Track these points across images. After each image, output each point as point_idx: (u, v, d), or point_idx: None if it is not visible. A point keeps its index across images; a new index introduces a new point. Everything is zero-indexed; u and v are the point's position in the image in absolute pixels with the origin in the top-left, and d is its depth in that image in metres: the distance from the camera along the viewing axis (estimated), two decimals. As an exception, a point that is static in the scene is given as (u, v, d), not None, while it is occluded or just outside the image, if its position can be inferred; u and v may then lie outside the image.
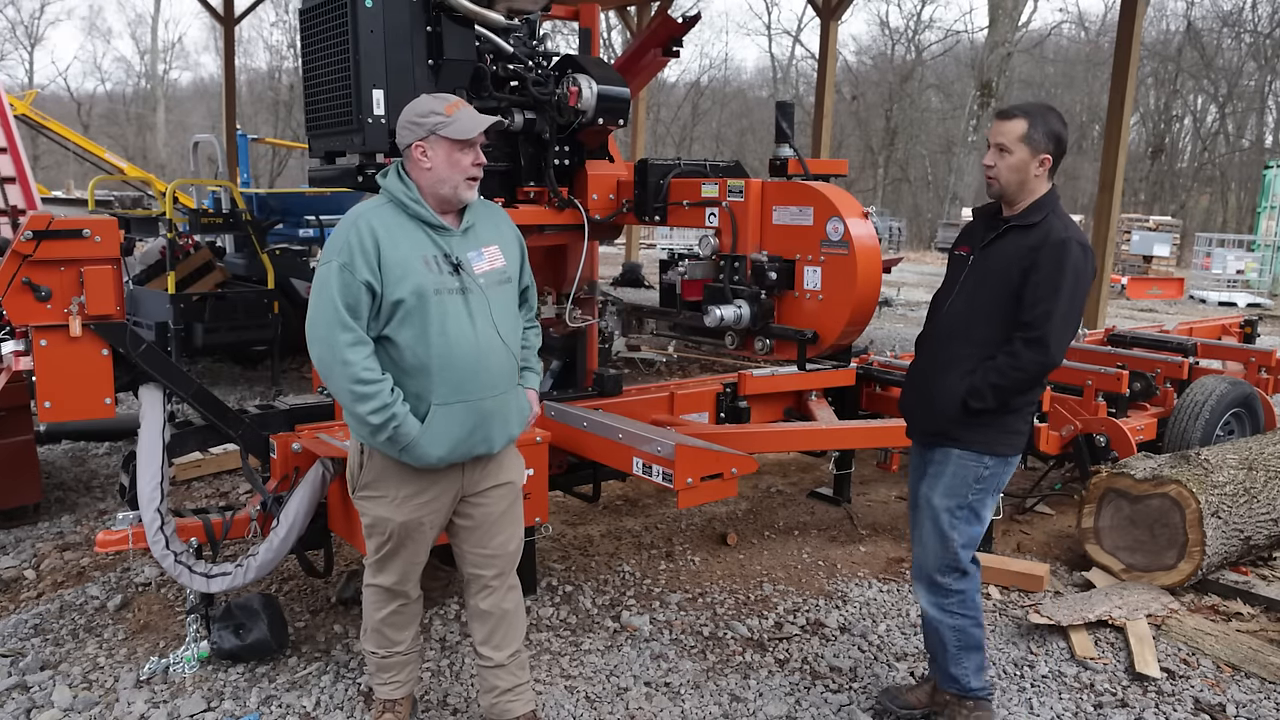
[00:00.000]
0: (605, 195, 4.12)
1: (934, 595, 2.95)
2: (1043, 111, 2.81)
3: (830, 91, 12.79)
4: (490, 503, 2.78)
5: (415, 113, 2.61)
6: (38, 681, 3.23)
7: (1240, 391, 5.34)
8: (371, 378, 2.48)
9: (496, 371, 2.64)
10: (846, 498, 5.32)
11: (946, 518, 2.89)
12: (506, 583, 2.87)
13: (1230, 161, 33.30)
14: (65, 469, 5.72)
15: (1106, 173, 9.54)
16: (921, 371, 3.02)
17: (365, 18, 3.41)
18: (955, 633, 2.94)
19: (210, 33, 43.73)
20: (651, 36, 4.49)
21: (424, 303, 2.51)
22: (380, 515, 2.69)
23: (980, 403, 2.77)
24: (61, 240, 3.07)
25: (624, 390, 4.32)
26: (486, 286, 2.63)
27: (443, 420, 2.55)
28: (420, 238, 2.58)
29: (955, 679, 2.98)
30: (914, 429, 3.07)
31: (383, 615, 2.84)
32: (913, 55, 37.92)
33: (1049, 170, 2.81)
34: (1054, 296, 2.69)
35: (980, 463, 2.85)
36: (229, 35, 16.94)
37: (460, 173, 2.59)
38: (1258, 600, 4.03)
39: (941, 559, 2.91)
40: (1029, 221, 2.79)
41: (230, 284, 8.00)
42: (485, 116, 2.64)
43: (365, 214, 2.57)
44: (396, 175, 2.64)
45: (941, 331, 2.95)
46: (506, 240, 2.78)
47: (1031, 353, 2.71)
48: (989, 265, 2.85)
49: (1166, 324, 8.36)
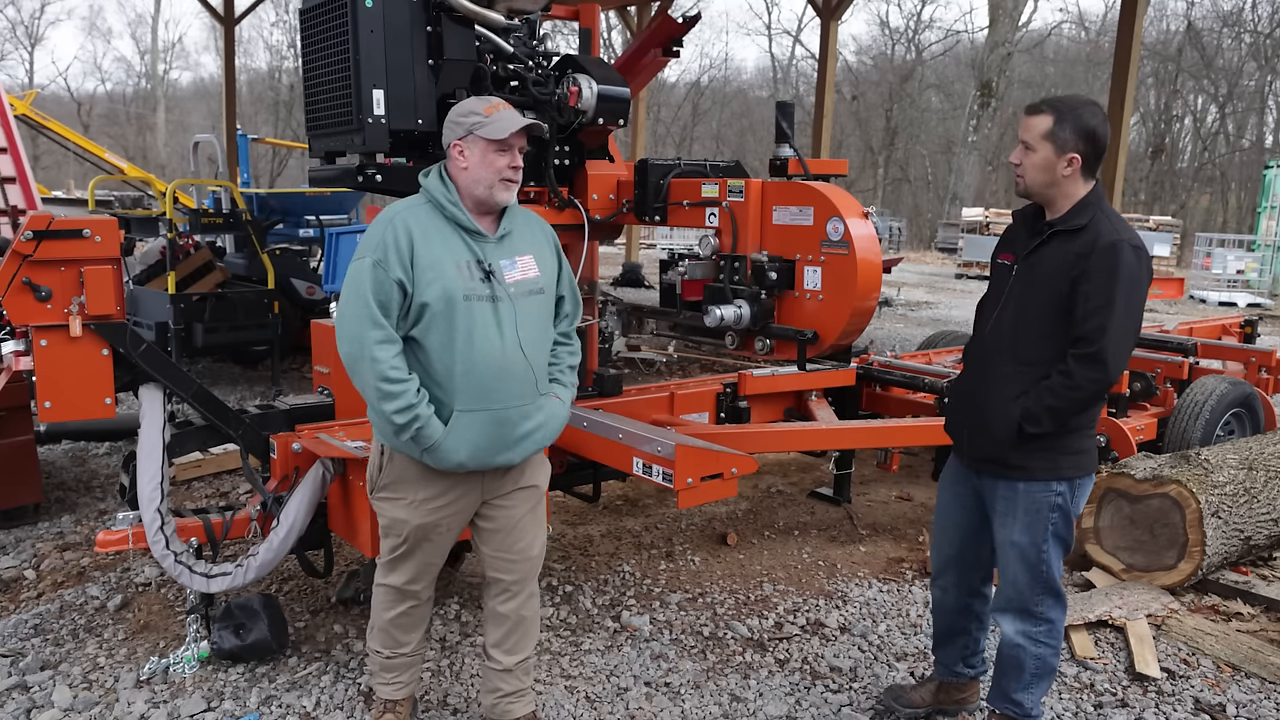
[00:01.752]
0: (605, 195, 4.12)
1: (1024, 624, 2.80)
2: (1074, 106, 2.59)
3: (830, 91, 12.79)
4: (513, 505, 2.76)
5: (458, 113, 2.62)
6: (38, 681, 3.23)
7: (1240, 391, 5.34)
8: (398, 376, 2.47)
9: (519, 383, 2.61)
10: (846, 498, 5.32)
11: (1034, 553, 2.73)
12: (527, 589, 2.86)
13: (1230, 161, 33.30)
14: (65, 469, 5.72)
15: (1106, 173, 9.52)
16: (969, 393, 2.85)
17: (365, 18, 3.40)
18: (1036, 660, 2.81)
19: (210, 33, 43.82)
20: (651, 36, 4.48)
21: (451, 308, 2.50)
22: (397, 517, 2.67)
23: (1037, 427, 2.60)
24: (62, 240, 3.07)
25: (624, 390, 4.32)
26: (516, 296, 2.61)
27: (465, 426, 2.54)
28: (455, 241, 2.57)
29: (1019, 704, 2.85)
30: (967, 454, 2.88)
31: (391, 616, 2.83)
32: (913, 55, 37.95)
33: (1084, 169, 2.60)
34: (1108, 308, 2.48)
35: (1050, 490, 2.69)
36: (229, 35, 16.94)
37: (495, 173, 2.58)
38: (1258, 600, 4.03)
39: (1035, 588, 2.77)
40: (1074, 225, 2.59)
41: (230, 284, 7.99)
42: (522, 118, 2.61)
43: (402, 212, 2.57)
44: (438, 176, 2.64)
45: (988, 348, 2.78)
46: (543, 251, 2.75)
47: (1088, 370, 2.52)
48: (1035, 275, 2.66)
49: (1167, 324, 8.36)
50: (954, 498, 2.99)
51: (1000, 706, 2.91)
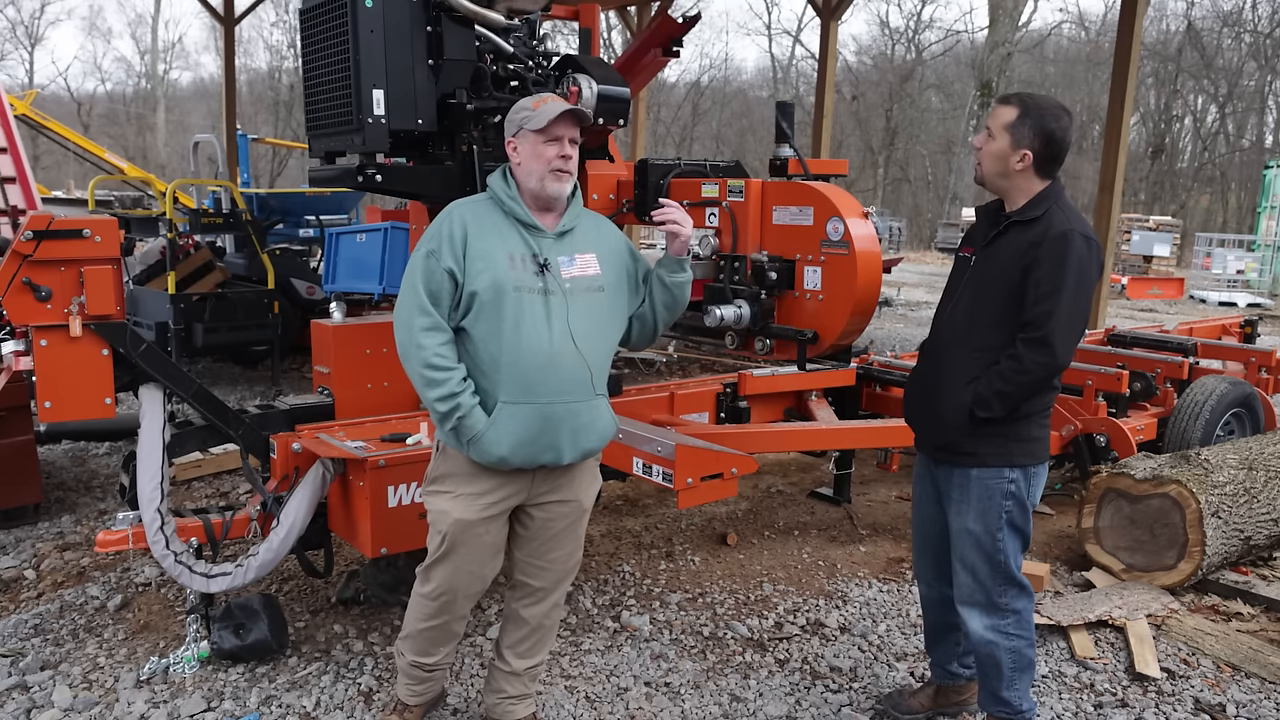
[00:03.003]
0: (605, 195, 4.12)
1: (991, 618, 2.80)
2: (1041, 107, 2.63)
3: (830, 91, 12.79)
4: (550, 517, 2.72)
5: (513, 111, 2.67)
6: (38, 681, 3.23)
7: (1240, 391, 5.34)
8: (443, 364, 2.49)
9: (568, 377, 2.56)
10: (846, 498, 5.32)
11: (989, 541, 2.75)
12: (554, 597, 2.84)
13: (1230, 161, 33.29)
14: (65, 469, 5.72)
15: (1106, 173, 9.54)
16: (924, 381, 2.91)
17: (365, 18, 3.40)
18: (1012, 655, 2.80)
19: (210, 33, 43.76)
20: (651, 36, 4.48)
21: (500, 298, 2.51)
22: (441, 509, 2.65)
23: (987, 411, 2.64)
24: (62, 240, 3.06)
25: (624, 390, 4.32)
26: (571, 292, 2.59)
27: (508, 419, 2.52)
28: (512, 235, 2.59)
29: (1007, 702, 2.84)
30: (923, 442, 2.95)
31: (423, 628, 2.80)
32: (913, 55, 37.92)
33: (1036, 167, 2.64)
34: (1057, 294, 2.54)
35: (1002, 477, 2.72)
36: (229, 35, 16.93)
37: (544, 164, 2.58)
38: (1258, 600, 4.03)
39: (995, 580, 2.77)
40: (1030, 216, 2.64)
41: (230, 284, 7.99)
42: (563, 104, 2.60)
43: (462, 206, 2.64)
44: (502, 173, 2.69)
45: (943, 338, 2.84)
46: (607, 252, 2.72)
47: (1035, 354, 2.57)
48: (990, 265, 2.72)
49: (1166, 324, 8.36)
50: (923, 492, 3.01)
51: (991, 710, 2.90)
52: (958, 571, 2.85)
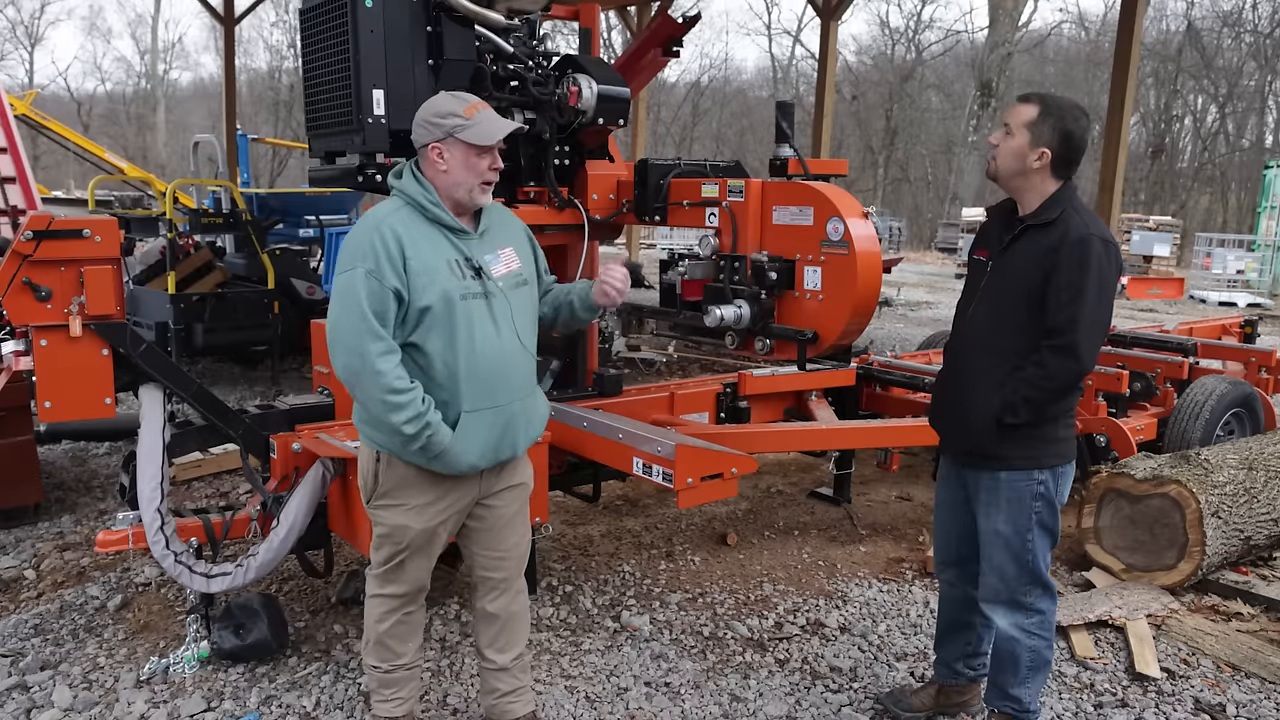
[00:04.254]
0: (605, 195, 4.12)
1: (1016, 616, 2.82)
2: (1062, 106, 2.64)
3: (830, 91, 12.80)
4: (503, 504, 2.75)
5: (434, 112, 2.53)
6: (38, 681, 3.23)
7: (1240, 391, 5.34)
8: (404, 386, 2.42)
9: (520, 375, 2.63)
10: (846, 498, 5.32)
11: (1019, 542, 2.76)
12: (515, 585, 2.86)
13: (1230, 161, 33.28)
14: (65, 469, 5.72)
15: (1106, 173, 9.55)
16: (949, 386, 2.91)
17: (365, 18, 3.40)
18: (1031, 653, 2.83)
19: (210, 33, 43.80)
20: (651, 36, 4.48)
21: (451, 309, 2.48)
22: (398, 524, 2.61)
23: (1015, 418, 2.65)
24: (62, 240, 3.07)
25: (624, 390, 4.32)
26: (506, 290, 2.60)
27: (474, 427, 2.52)
28: (441, 242, 2.53)
29: (1017, 699, 2.87)
30: (949, 447, 2.95)
31: (386, 627, 2.74)
32: (913, 55, 37.92)
33: (1053, 167, 2.65)
34: (1079, 300, 2.55)
35: (1032, 479, 2.73)
36: (229, 35, 16.94)
37: (477, 176, 2.55)
38: (1258, 600, 4.03)
39: (1022, 579, 2.79)
40: (1045, 219, 2.64)
41: (230, 284, 8.00)
42: (506, 122, 2.59)
43: (386, 218, 2.50)
44: (413, 177, 2.57)
45: (966, 343, 2.84)
46: (519, 242, 2.76)
47: (1061, 360, 2.59)
48: (1008, 270, 2.72)
49: (1166, 324, 8.36)
50: (948, 494, 3.02)
51: (999, 704, 2.92)
52: (985, 572, 2.87)
